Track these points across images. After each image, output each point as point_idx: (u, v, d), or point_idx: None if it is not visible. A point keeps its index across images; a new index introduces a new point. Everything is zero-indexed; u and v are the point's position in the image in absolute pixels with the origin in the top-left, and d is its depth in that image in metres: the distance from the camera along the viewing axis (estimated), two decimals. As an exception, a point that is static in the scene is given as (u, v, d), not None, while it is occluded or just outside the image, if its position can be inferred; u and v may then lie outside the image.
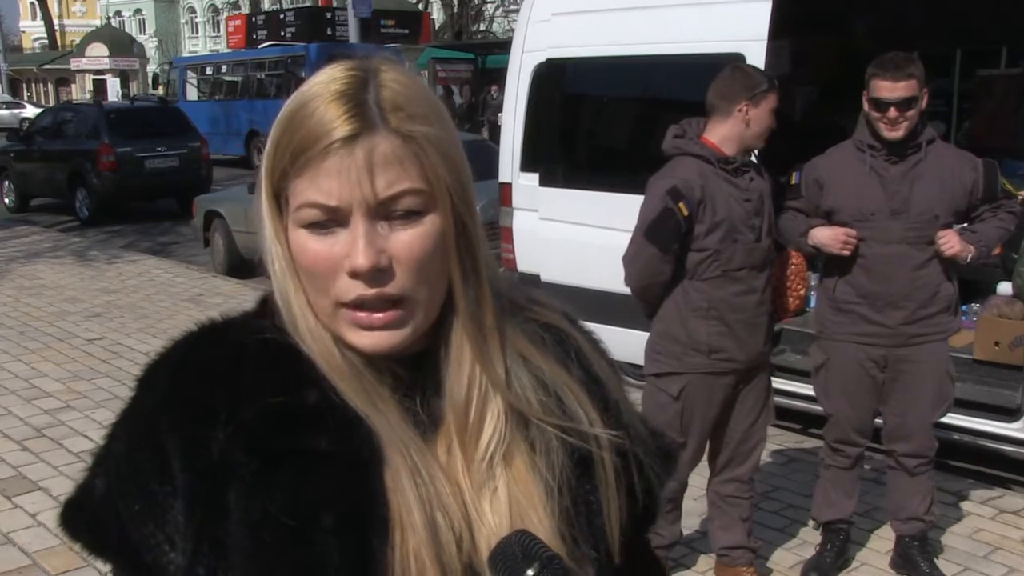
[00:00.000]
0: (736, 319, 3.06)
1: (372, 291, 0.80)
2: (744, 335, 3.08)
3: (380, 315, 0.81)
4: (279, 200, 0.83)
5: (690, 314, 3.06)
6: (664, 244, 3.00)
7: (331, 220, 0.80)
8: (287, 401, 0.82)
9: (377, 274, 0.79)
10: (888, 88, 3.10)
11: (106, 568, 0.88)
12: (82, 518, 0.87)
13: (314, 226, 0.80)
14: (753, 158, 3.25)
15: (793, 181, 3.39)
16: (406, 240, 0.80)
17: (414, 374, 0.86)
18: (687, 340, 3.07)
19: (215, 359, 0.86)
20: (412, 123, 0.80)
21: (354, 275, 0.79)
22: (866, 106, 3.20)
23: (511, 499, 0.83)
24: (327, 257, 0.80)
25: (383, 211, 0.79)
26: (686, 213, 2.96)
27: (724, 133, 3.03)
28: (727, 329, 3.06)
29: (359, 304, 0.80)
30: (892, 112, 3.11)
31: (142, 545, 0.83)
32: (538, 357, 0.89)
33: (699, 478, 3.44)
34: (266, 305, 0.89)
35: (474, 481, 0.83)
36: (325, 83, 0.82)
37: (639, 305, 3.22)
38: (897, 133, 3.14)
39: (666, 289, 3.09)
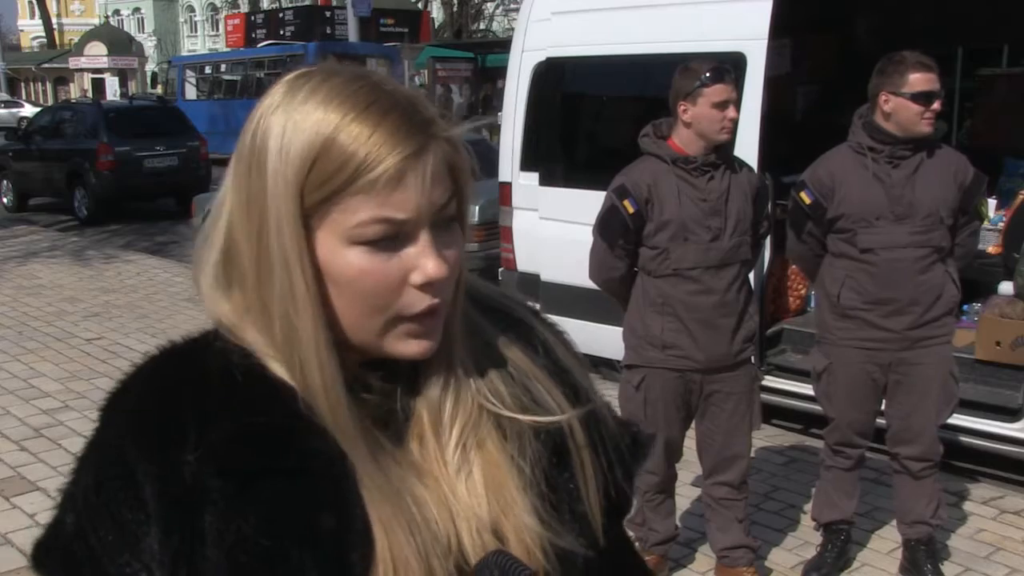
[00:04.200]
0: (692, 318, 3.08)
1: (438, 300, 0.81)
2: (701, 334, 3.09)
3: (433, 320, 0.83)
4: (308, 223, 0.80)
5: (647, 309, 3.13)
6: (610, 239, 3.15)
7: (399, 234, 0.79)
8: (256, 421, 0.81)
9: (444, 282, 0.81)
10: (932, 81, 3.09)
11: None
12: (55, 557, 0.85)
13: (375, 243, 0.79)
14: (755, 156, 3.23)
15: (807, 200, 3.30)
16: (453, 248, 0.82)
17: (389, 374, 0.86)
18: (644, 334, 3.15)
19: (180, 382, 0.84)
20: (450, 127, 0.81)
21: (427, 285, 0.80)
22: (889, 106, 3.12)
23: (486, 479, 0.84)
24: (395, 272, 0.80)
25: (437, 219, 0.81)
26: (631, 211, 3.07)
27: (680, 134, 3.09)
28: (682, 327, 3.09)
29: (428, 312, 0.81)
30: (937, 104, 3.09)
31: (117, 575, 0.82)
32: (505, 348, 0.90)
33: (698, 477, 3.43)
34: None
35: (449, 468, 0.85)
36: (350, 95, 0.79)
37: (613, 300, 3.33)
38: (931, 128, 3.13)
39: (631, 283, 3.19)
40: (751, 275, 3.41)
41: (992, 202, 5.17)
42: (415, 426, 0.86)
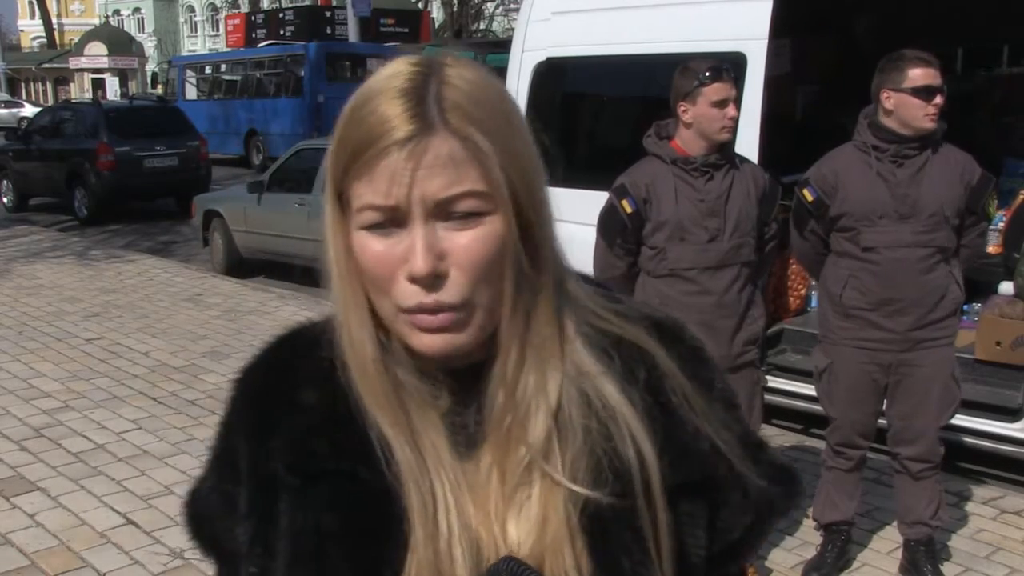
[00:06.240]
0: (689, 319, 3.05)
1: (431, 299, 0.77)
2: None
3: (441, 317, 0.79)
4: (342, 200, 0.81)
5: None
6: (609, 239, 3.19)
7: (390, 221, 0.78)
8: (331, 421, 0.84)
9: (436, 280, 0.77)
10: (933, 76, 3.09)
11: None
12: (190, 508, 0.96)
13: (374, 227, 0.78)
14: (755, 156, 3.23)
15: (810, 197, 3.30)
16: (465, 243, 0.77)
17: (469, 385, 0.83)
18: None
19: (285, 369, 0.90)
20: (473, 124, 0.77)
21: (413, 280, 0.78)
22: (890, 102, 3.12)
23: (539, 518, 0.80)
24: (387, 259, 0.78)
25: (442, 212, 0.77)
26: (629, 210, 3.10)
27: (681, 135, 3.10)
28: None
29: (419, 310, 0.79)
30: (939, 99, 3.09)
31: (225, 538, 0.90)
32: (597, 375, 0.83)
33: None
34: None
35: (505, 497, 0.81)
36: (388, 78, 0.79)
37: None
38: (935, 123, 3.12)
39: (635, 282, 3.21)
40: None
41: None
42: (487, 447, 0.82)
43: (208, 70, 23.36)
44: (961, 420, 4.05)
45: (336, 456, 0.83)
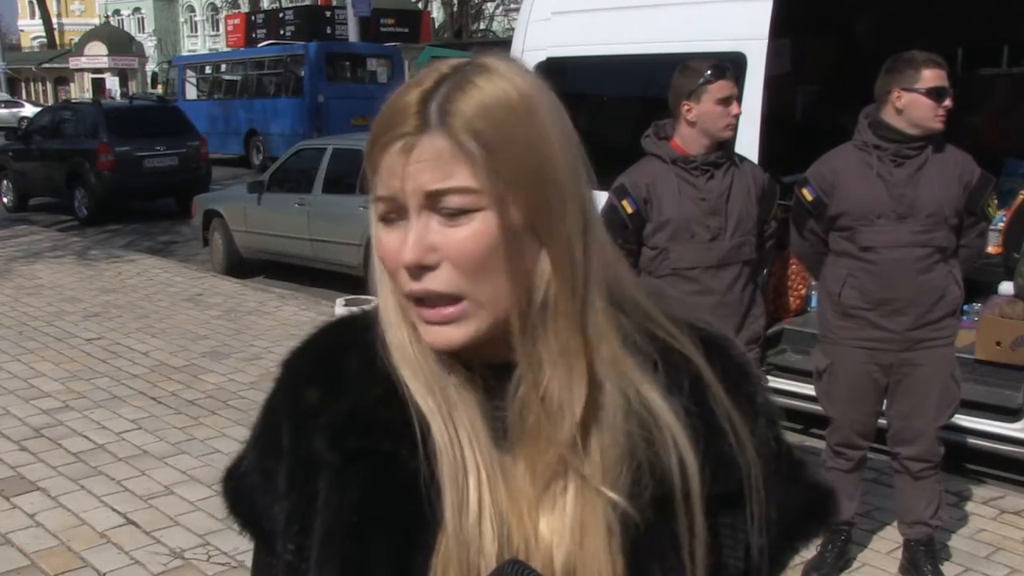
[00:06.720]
0: None
1: (420, 286, 0.81)
2: None
3: (438, 310, 0.81)
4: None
5: None
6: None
7: (395, 212, 0.81)
8: (372, 402, 0.86)
9: (423, 270, 0.80)
10: (944, 77, 3.09)
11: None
12: (229, 485, 0.98)
13: (386, 220, 0.82)
14: (755, 156, 3.23)
15: (809, 197, 3.30)
16: (455, 237, 0.80)
17: (502, 382, 0.84)
18: None
19: (329, 354, 0.92)
20: (467, 126, 0.78)
21: (409, 269, 0.81)
22: (901, 102, 3.11)
23: (574, 520, 0.80)
24: (391, 249, 0.82)
25: (434, 206, 0.80)
26: (630, 211, 3.09)
27: (682, 134, 3.10)
28: None
29: (417, 299, 0.82)
30: (949, 101, 3.09)
31: (263, 515, 0.92)
32: (640, 381, 0.83)
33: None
34: None
35: (537, 496, 0.81)
36: (417, 78, 0.83)
37: None
38: (943, 125, 3.12)
39: None
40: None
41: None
42: (516, 446, 0.83)
43: (208, 70, 23.36)
44: (961, 420, 4.05)
45: (376, 436, 0.85)
